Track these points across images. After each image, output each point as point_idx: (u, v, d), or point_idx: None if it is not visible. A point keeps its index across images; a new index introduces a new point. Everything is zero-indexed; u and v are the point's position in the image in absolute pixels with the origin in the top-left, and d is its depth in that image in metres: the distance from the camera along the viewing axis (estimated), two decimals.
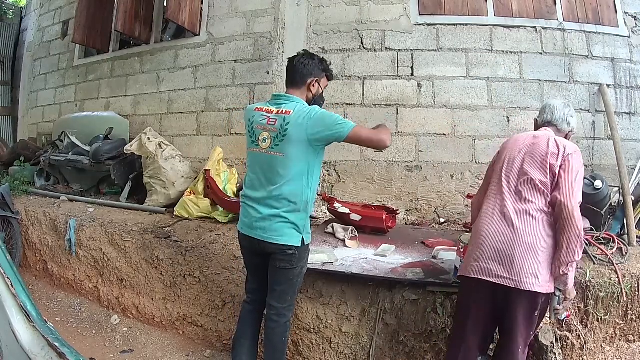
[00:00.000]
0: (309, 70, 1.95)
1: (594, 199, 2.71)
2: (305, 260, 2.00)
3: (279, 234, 1.87)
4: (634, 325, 2.29)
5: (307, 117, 1.83)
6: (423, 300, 2.19)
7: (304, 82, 1.95)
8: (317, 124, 1.81)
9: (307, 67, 1.95)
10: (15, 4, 6.90)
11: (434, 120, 3.38)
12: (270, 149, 1.87)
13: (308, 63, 1.96)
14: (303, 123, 1.81)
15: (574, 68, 3.33)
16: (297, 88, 1.96)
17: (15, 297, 1.44)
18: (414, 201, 3.40)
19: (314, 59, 1.99)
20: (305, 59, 1.97)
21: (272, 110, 1.90)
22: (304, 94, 1.96)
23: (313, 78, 1.96)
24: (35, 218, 3.60)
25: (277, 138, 1.85)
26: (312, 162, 1.88)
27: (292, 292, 2.00)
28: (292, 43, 3.62)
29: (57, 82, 5.23)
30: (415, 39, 3.43)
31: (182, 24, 3.89)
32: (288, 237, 1.88)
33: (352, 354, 2.32)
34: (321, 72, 2.00)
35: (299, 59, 1.98)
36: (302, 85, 1.96)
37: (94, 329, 2.87)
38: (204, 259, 2.75)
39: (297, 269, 1.94)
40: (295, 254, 1.90)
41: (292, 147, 1.82)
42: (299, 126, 1.81)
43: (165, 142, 3.71)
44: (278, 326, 1.96)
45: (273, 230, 1.87)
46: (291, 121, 1.83)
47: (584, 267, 2.33)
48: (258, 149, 1.91)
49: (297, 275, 1.97)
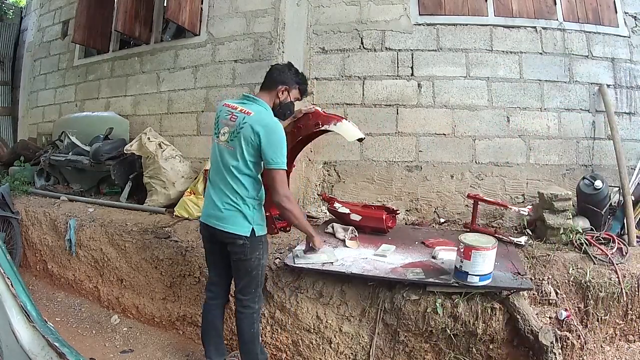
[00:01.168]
0: (282, 78, 2.07)
1: (594, 199, 2.72)
2: (261, 252, 2.05)
3: (228, 222, 1.97)
4: (634, 325, 2.30)
5: (263, 126, 1.91)
6: (423, 300, 2.19)
7: (274, 87, 2.06)
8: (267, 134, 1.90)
9: (281, 75, 2.07)
10: (15, 4, 6.90)
11: (434, 120, 3.38)
12: (227, 142, 1.98)
13: (284, 71, 2.09)
14: (256, 130, 1.90)
15: (574, 68, 3.33)
16: (267, 92, 2.07)
17: (15, 297, 1.44)
18: (414, 201, 3.40)
19: (290, 69, 2.11)
20: (283, 67, 2.11)
21: (237, 107, 2.01)
22: (272, 99, 2.07)
23: (283, 86, 2.06)
24: (35, 218, 3.60)
25: (232, 133, 1.96)
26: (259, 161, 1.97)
27: (255, 284, 2.08)
28: (292, 43, 3.63)
29: (57, 82, 5.23)
30: (415, 39, 3.43)
31: (182, 24, 3.89)
32: (237, 227, 1.97)
33: (352, 354, 2.32)
34: (293, 83, 2.10)
35: (277, 65, 2.14)
36: (272, 89, 2.06)
37: (94, 329, 2.87)
38: (204, 259, 2.74)
39: (251, 260, 2.01)
40: (245, 244, 1.98)
41: (243, 145, 1.92)
42: (252, 130, 1.90)
43: (165, 142, 3.71)
44: (245, 317, 2.08)
45: (224, 219, 1.98)
46: (248, 122, 1.93)
47: (584, 267, 2.34)
48: (218, 140, 2.03)
49: (254, 268, 2.04)
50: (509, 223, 3.17)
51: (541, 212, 2.73)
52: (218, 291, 2.22)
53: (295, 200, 2.02)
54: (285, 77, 2.07)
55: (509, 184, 3.32)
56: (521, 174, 3.31)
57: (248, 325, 2.08)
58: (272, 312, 2.46)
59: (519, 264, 2.32)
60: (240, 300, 2.09)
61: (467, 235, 2.08)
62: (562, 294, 2.29)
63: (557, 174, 3.30)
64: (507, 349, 2.14)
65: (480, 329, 2.11)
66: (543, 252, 2.50)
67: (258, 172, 2.01)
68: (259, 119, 1.93)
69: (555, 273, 2.35)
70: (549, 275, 2.34)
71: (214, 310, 2.22)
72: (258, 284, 2.09)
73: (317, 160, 3.55)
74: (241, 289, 2.08)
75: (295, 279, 2.43)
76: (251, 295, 2.07)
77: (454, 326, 2.14)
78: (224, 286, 2.23)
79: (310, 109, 2.46)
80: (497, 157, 3.34)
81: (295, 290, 2.42)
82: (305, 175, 3.55)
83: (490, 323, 2.11)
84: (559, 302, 2.27)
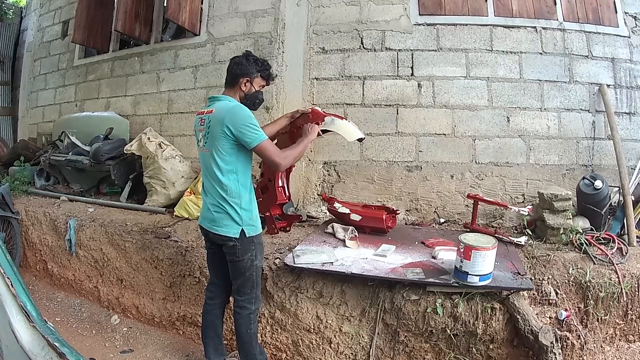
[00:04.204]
0: (241, 70, 2.04)
1: (594, 199, 2.72)
2: (254, 253, 2.04)
3: (218, 224, 2.00)
4: (634, 325, 2.29)
5: (225, 110, 1.92)
6: (423, 300, 2.19)
7: (236, 82, 2.05)
8: (231, 119, 1.89)
9: (239, 67, 2.05)
10: (15, 4, 6.89)
11: (434, 120, 3.38)
12: (203, 146, 2.02)
13: (241, 63, 2.05)
14: (220, 117, 1.91)
15: (574, 68, 3.33)
16: (230, 88, 2.08)
17: (15, 297, 1.44)
18: (414, 201, 3.40)
19: (248, 59, 2.07)
20: (240, 59, 2.07)
21: (204, 112, 2.04)
22: (236, 93, 2.06)
23: (244, 78, 2.04)
24: (35, 218, 3.60)
25: (205, 136, 1.99)
26: (238, 157, 1.96)
27: (250, 285, 2.07)
28: (292, 43, 3.63)
29: (57, 82, 5.23)
30: (415, 39, 3.43)
31: (182, 24, 3.89)
32: (227, 229, 1.98)
33: (352, 354, 2.32)
34: (254, 72, 2.07)
35: (233, 59, 2.09)
36: (235, 84, 2.06)
37: (94, 329, 2.87)
38: (204, 259, 2.74)
39: (244, 261, 2.01)
40: (236, 245, 1.98)
41: (216, 142, 1.93)
42: (217, 121, 1.92)
43: (165, 142, 3.70)
44: (241, 318, 2.08)
45: (214, 221, 2.01)
46: (212, 118, 1.95)
47: (584, 267, 2.33)
48: (199, 148, 2.08)
49: (247, 269, 2.04)
50: (509, 223, 3.17)
51: (541, 212, 2.73)
52: (217, 292, 2.24)
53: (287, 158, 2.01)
54: (244, 68, 2.05)
55: (509, 184, 3.32)
56: (521, 174, 3.31)
57: (245, 325, 2.08)
58: (272, 312, 2.46)
59: (519, 264, 2.32)
60: (237, 301, 2.10)
61: (467, 235, 2.08)
62: (562, 294, 2.29)
63: (557, 174, 3.30)
64: (507, 349, 2.14)
65: (480, 329, 2.11)
66: (543, 252, 2.50)
67: (240, 166, 1.98)
68: (221, 110, 1.94)
69: (555, 273, 2.35)
70: (549, 275, 2.34)
71: (213, 311, 2.23)
72: (253, 285, 2.08)
73: (317, 160, 3.55)
74: (237, 290, 2.10)
75: (295, 279, 2.43)
76: (247, 295, 2.08)
77: (454, 326, 2.14)
78: (223, 287, 2.23)
79: (307, 109, 2.46)
80: (497, 157, 3.34)
81: (295, 290, 2.42)
82: (305, 175, 3.55)
83: (490, 323, 2.11)
84: (559, 302, 2.27)
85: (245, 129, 1.88)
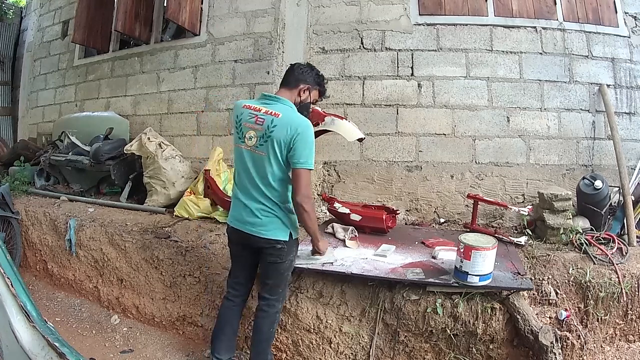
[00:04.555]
0: (305, 77, 2.05)
1: (594, 199, 2.72)
2: (294, 253, 2.10)
3: (267, 228, 1.96)
4: (634, 325, 2.29)
5: (297, 124, 1.87)
6: (423, 300, 2.19)
7: (296, 85, 2.03)
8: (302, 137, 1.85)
9: (304, 74, 2.05)
10: (15, 4, 6.89)
11: (434, 120, 3.38)
12: (255, 147, 1.92)
13: (306, 71, 2.07)
14: (290, 132, 1.85)
15: (574, 68, 3.33)
16: (288, 89, 2.03)
17: (15, 297, 1.44)
18: (414, 201, 3.40)
19: (312, 70, 2.10)
20: (305, 67, 2.09)
21: (260, 109, 1.93)
22: (293, 97, 2.02)
23: (306, 85, 2.04)
24: (35, 218, 3.60)
25: (262, 138, 1.89)
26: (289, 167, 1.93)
27: (284, 284, 2.12)
28: (292, 43, 3.63)
29: (57, 82, 5.23)
30: (415, 39, 3.43)
31: (182, 24, 3.89)
32: (277, 232, 1.97)
33: (352, 354, 2.32)
34: (315, 84, 2.09)
35: (299, 64, 2.09)
36: (294, 87, 2.03)
37: (94, 329, 2.87)
38: (204, 259, 2.75)
39: (286, 262, 2.05)
40: (284, 248, 1.99)
41: (274, 149, 1.88)
42: (283, 134, 1.86)
43: (165, 142, 3.70)
44: (268, 316, 2.09)
45: (262, 225, 1.96)
46: (278, 125, 1.87)
47: (584, 267, 2.33)
48: (244, 145, 1.96)
49: (287, 269, 2.08)
50: (509, 223, 3.17)
51: (541, 212, 2.73)
52: (243, 290, 2.22)
53: None
54: (308, 76, 2.05)
55: (509, 184, 3.32)
56: (521, 174, 3.31)
57: (268, 324, 2.09)
58: None
59: (519, 264, 2.32)
60: (267, 300, 2.08)
61: (467, 235, 2.07)
62: (562, 294, 2.29)
63: (557, 174, 3.30)
64: (507, 349, 2.14)
65: (480, 329, 2.11)
66: (543, 252, 2.50)
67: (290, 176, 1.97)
68: (291, 120, 1.87)
69: (555, 273, 2.35)
70: (549, 275, 2.34)
71: (235, 307, 2.20)
72: (286, 284, 2.14)
73: (317, 160, 3.55)
74: (269, 289, 2.08)
75: (295, 279, 2.43)
76: (278, 295, 2.10)
77: (454, 326, 2.14)
78: (248, 286, 2.25)
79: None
80: (497, 157, 3.34)
81: (295, 290, 2.42)
82: None
83: (490, 323, 2.11)
84: (559, 302, 2.27)
85: (308, 153, 1.87)
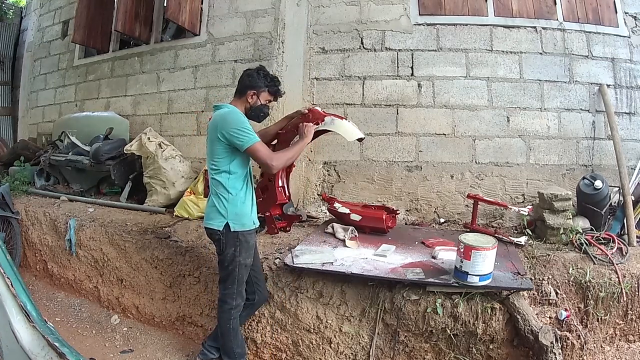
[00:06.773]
0: (251, 82, 2.14)
1: (594, 199, 2.72)
2: (237, 249, 2.07)
3: (208, 217, 2.10)
4: (634, 325, 2.29)
5: (219, 117, 2.04)
6: (423, 300, 2.19)
7: (243, 93, 2.14)
8: (223, 124, 2.00)
9: (249, 79, 2.15)
10: (15, 4, 6.89)
11: (434, 120, 3.38)
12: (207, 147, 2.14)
13: (252, 75, 2.16)
14: (215, 123, 2.03)
15: (574, 68, 3.33)
16: (238, 97, 2.17)
17: (15, 297, 1.44)
18: (414, 201, 3.40)
19: (259, 72, 2.18)
20: (251, 72, 2.17)
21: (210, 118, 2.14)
22: (243, 104, 2.15)
23: (252, 90, 2.13)
24: (35, 218, 3.60)
25: (207, 138, 2.12)
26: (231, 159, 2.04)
27: (231, 279, 2.10)
28: (292, 43, 3.63)
29: (57, 82, 5.23)
30: (415, 39, 3.43)
31: (182, 24, 3.89)
32: (213, 221, 2.07)
33: (352, 354, 2.32)
34: (262, 87, 2.16)
35: (248, 71, 2.19)
36: (243, 95, 2.14)
37: (94, 329, 2.87)
38: (204, 259, 2.75)
39: (227, 255, 2.07)
40: (221, 238, 2.06)
41: (212, 146, 2.05)
42: (213, 126, 2.03)
43: (165, 142, 3.71)
44: (222, 311, 2.14)
45: (205, 215, 2.13)
46: (210, 124, 2.08)
47: (584, 267, 2.33)
48: None
49: (229, 262, 2.08)
50: (509, 223, 3.17)
51: (541, 212, 2.73)
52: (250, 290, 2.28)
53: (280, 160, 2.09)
54: (253, 81, 2.14)
55: (509, 184, 3.32)
56: (521, 174, 3.31)
57: (223, 320, 2.14)
58: (272, 312, 2.46)
59: (519, 264, 2.32)
60: (220, 294, 2.16)
61: (467, 235, 2.08)
62: (562, 294, 2.29)
63: (557, 174, 3.30)
64: (507, 349, 2.14)
65: (480, 329, 2.11)
66: (543, 252, 2.50)
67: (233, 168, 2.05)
68: (215, 117, 2.05)
69: (555, 273, 2.35)
70: (549, 275, 2.34)
71: None
72: (234, 280, 2.10)
73: (317, 160, 3.55)
74: (220, 282, 2.17)
75: (295, 279, 2.43)
76: (228, 290, 2.11)
77: (454, 326, 2.14)
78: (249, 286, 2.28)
79: (304, 110, 2.47)
80: (497, 157, 3.34)
81: (295, 290, 2.42)
82: (305, 175, 3.55)
83: (490, 323, 2.11)
84: (559, 302, 2.27)
85: (237, 132, 1.97)
